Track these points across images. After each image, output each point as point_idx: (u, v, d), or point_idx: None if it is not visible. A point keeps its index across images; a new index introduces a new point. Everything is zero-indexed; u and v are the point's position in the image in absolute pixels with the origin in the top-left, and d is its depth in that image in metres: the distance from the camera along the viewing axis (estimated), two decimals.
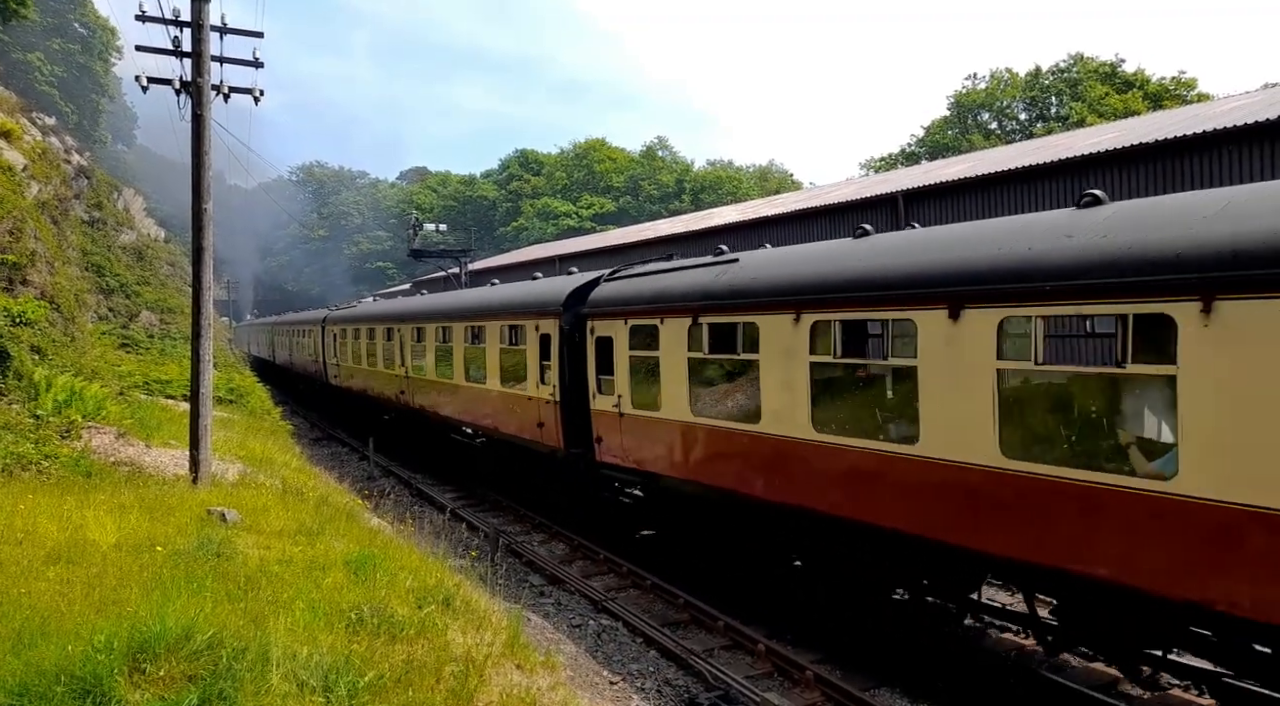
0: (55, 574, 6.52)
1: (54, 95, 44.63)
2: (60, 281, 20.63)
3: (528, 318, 14.96)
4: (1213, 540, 5.71)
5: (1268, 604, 5.46)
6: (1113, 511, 6.24)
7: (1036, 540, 6.77)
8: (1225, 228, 5.82)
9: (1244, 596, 5.58)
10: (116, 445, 13.11)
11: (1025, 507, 6.82)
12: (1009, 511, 6.96)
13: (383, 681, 5.43)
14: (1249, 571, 5.55)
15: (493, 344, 16.52)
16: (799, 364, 8.95)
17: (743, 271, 10.37)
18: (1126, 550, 6.18)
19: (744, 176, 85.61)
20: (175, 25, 11.99)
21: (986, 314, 7.07)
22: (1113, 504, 6.24)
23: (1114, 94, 55.30)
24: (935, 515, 7.54)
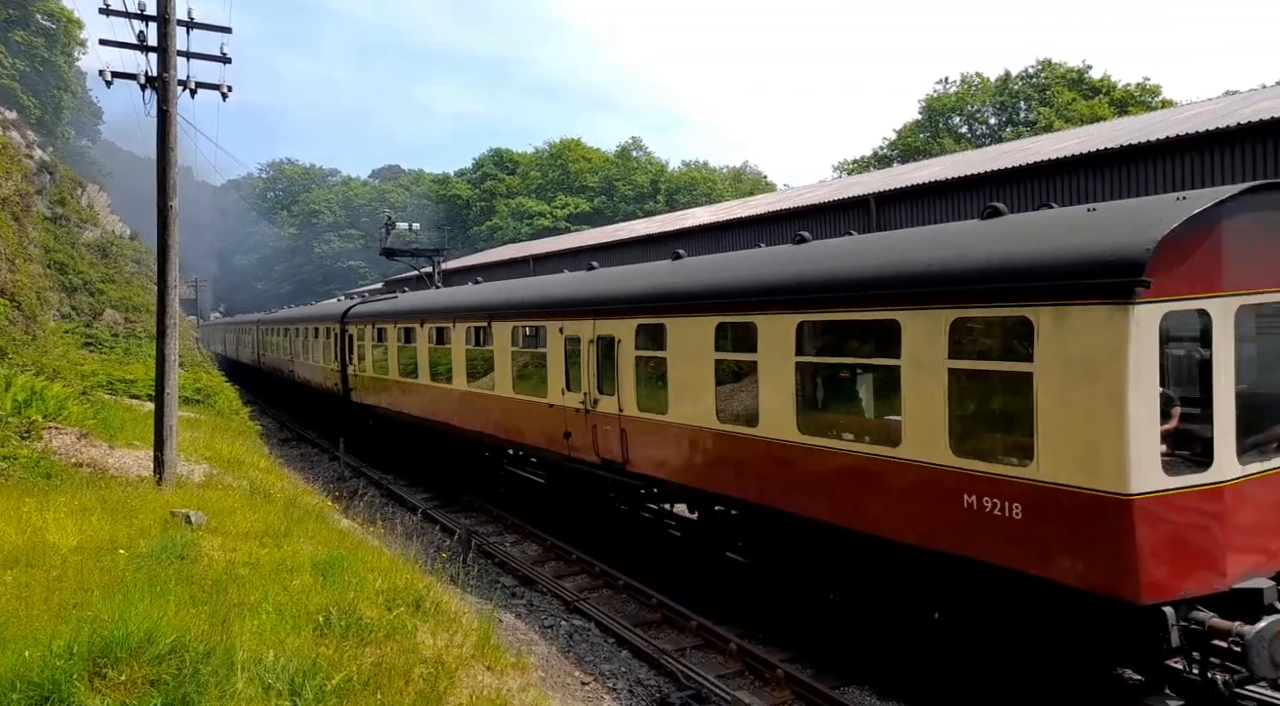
0: (13, 578, 6.38)
1: (15, 89, 43.67)
2: (21, 279, 20.19)
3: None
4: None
5: None
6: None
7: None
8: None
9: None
10: (78, 446, 12.85)
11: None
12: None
13: (351, 684, 5.38)
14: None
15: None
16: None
17: (402, 301, 19.37)
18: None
19: (718, 177, 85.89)
20: (141, 19, 11.79)
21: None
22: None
23: (1081, 99, 56.29)
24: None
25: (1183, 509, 6.12)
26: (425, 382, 18.43)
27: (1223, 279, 6.31)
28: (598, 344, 12.12)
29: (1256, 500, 6.47)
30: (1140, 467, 5.92)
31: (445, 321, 17.45)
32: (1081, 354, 6.17)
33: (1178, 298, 6.13)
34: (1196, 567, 6.16)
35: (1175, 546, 6.09)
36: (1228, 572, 6.21)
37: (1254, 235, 6.53)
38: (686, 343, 10.29)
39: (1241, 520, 6.33)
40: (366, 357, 22.54)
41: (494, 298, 16.26)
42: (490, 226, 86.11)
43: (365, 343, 22.57)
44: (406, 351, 19.61)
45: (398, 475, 21.00)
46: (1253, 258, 6.52)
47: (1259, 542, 6.48)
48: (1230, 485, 6.28)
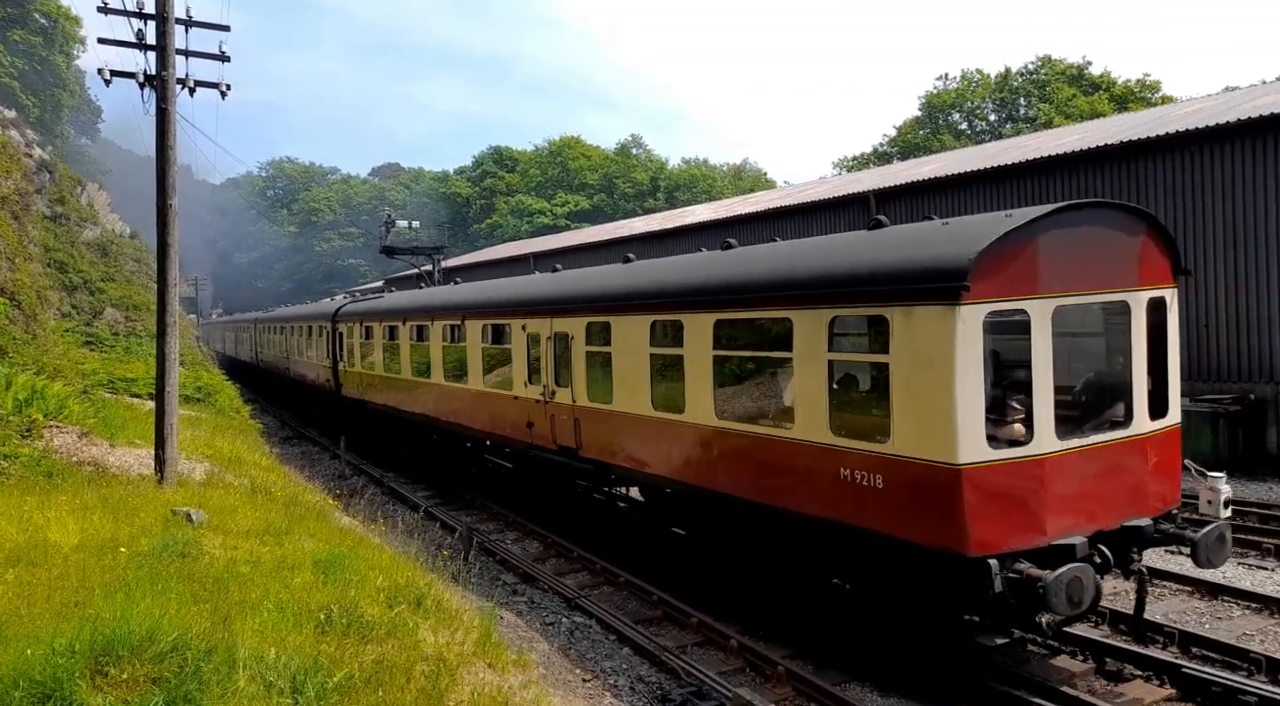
0: (14, 576, 6.38)
1: (14, 87, 43.65)
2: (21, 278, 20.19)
3: None
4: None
5: None
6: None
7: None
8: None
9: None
10: (79, 445, 12.85)
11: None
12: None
13: (352, 682, 5.38)
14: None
15: None
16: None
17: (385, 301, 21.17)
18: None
19: (718, 175, 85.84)
20: (139, 18, 11.77)
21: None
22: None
23: (1081, 96, 56.21)
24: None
25: (1006, 477, 7.19)
26: (408, 377, 19.36)
27: (1040, 284, 7.35)
28: (555, 340, 13.15)
29: (1074, 471, 7.48)
30: (967, 442, 6.98)
31: (425, 320, 18.41)
32: (923, 347, 7.25)
33: (999, 299, 7.20)
34: (1019, 527, 7.20)
35: (999, 509, 7.13)
36: (1047, 531, 7.27)
37: (1068, 247, 7.58)
38: (628, 339, 11.33)
39: (1059, 487, 7.37)
40: (355, 354, 23.53)
41: (467, 297, 17.41)
42: (490, 224, 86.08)
43: (354, 340, 23.58)
44: (391, 348, 20.54)
45: (398, 473, 21.02)
46: (1067, 266, 7.55)
47: (1076, 506, 7.48)
48: (1049, 457, 7.36)
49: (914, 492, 7.36)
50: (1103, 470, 7.72)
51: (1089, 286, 7.81)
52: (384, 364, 21.12)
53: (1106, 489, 7.75)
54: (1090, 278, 7.79)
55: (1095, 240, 7.85)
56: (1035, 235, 7.37)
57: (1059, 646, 8.72)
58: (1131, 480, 7.98)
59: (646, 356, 10.93)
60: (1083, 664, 8.42)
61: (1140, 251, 8.17)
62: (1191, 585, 10.54)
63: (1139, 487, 8.02)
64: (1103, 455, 7.74)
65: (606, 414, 11.89)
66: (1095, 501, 7.66)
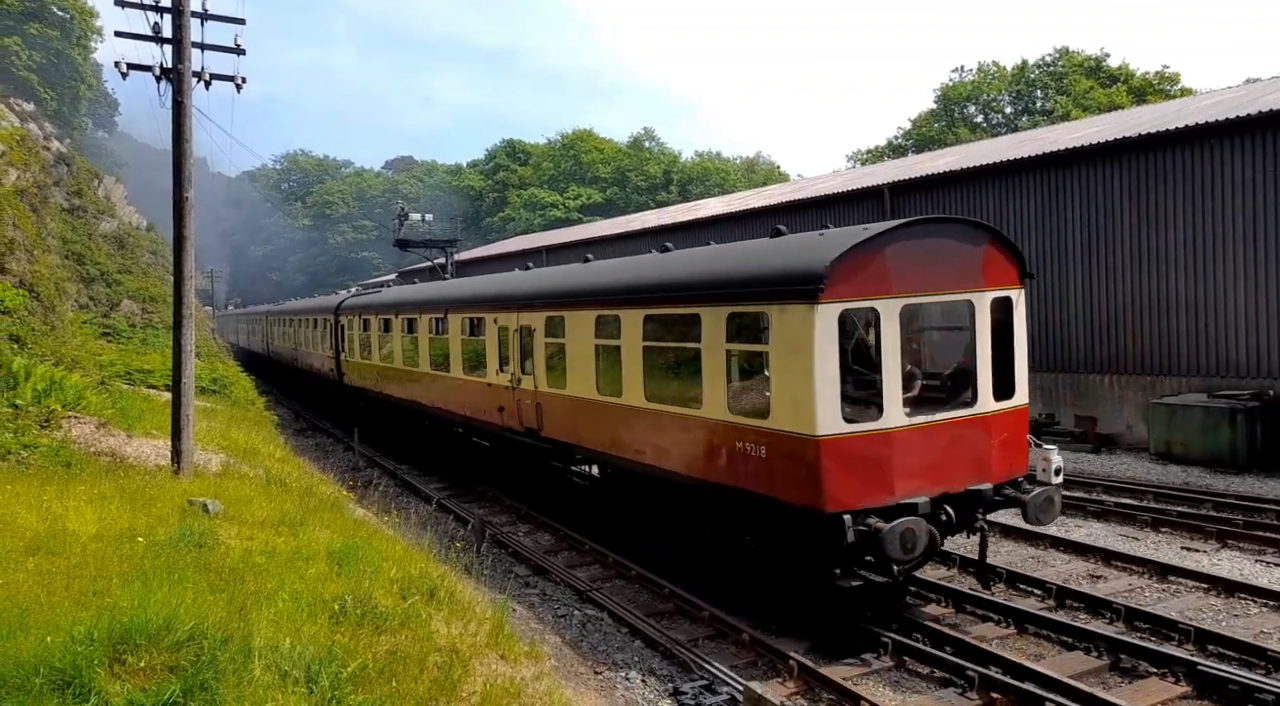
0: (34, 565, 6.46)
1: (32, 81, 43.96)
2: (40, 270, 20.38)
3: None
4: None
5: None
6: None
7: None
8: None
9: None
10: (97, 435, 12.99)
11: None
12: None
13: (366, 672, 5.43)
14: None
15: None
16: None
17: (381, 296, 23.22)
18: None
19: (731, 168, 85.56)
20: (155, 11, 11.83)
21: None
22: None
23: (1099, 88, 55.62)
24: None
25: (858, 447, 8.51)
26: (401, 367, 20.74)
27: (889, 286, 8.69)
28: (520, 332, 14.49)
29: (921, 442, 8.84)
30: (824, 417, 8.34)
31: (414, 313, 19.81)
32: (791, 338, 8.62)
33: (851, 299, 8.56)
34: (870, 488, 8.52)
35: (852, 473, 8.46)
36: (895, 492, 8.60)
37: (915, 255, 8.92)
38: (578, 331, 12.65)
39: (907, 456, 8.71)
40: (355, 345, 24.96)
41: (449, 293, 18.93)
42: (503, 217, 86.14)
43: (354, 332, 25.06)
44: (386, 340, 21.95)
45: (411, 465, 21.12)
46: (915, 271, 8.88)
47: (921, 472, 8.80)
48: (897, 431, 8.70)
49: (786, 460, 8.75)
50: (948, 442, 9.05)
51: (935, 288, 9.17)
52: (380, 354, 22.47)
53: (952, 458, 9.05)
54: (936, 281, 9.15)
55: (941, 249, 9.20)
56: (883, 246, 8.76)
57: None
58: (976, 451, 9.26)
59: (593, 347, 12.28)
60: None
61: (984, 258, 9.45)
62: (1208, 582, 10.46)
63: (983, 458, 9.30)
64: (948, 430, 9.09)
65: (562, 398, 13.24)
66: (941, 468, 8.96)
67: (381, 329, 22.34)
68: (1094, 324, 20.23)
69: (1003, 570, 10.92)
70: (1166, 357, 18.92)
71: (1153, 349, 19.17)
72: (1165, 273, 18.87)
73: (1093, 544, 12.08)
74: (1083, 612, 9.78)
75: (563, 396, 13.19)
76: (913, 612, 9.81)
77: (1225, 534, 12.36)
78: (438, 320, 18.41)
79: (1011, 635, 9.24)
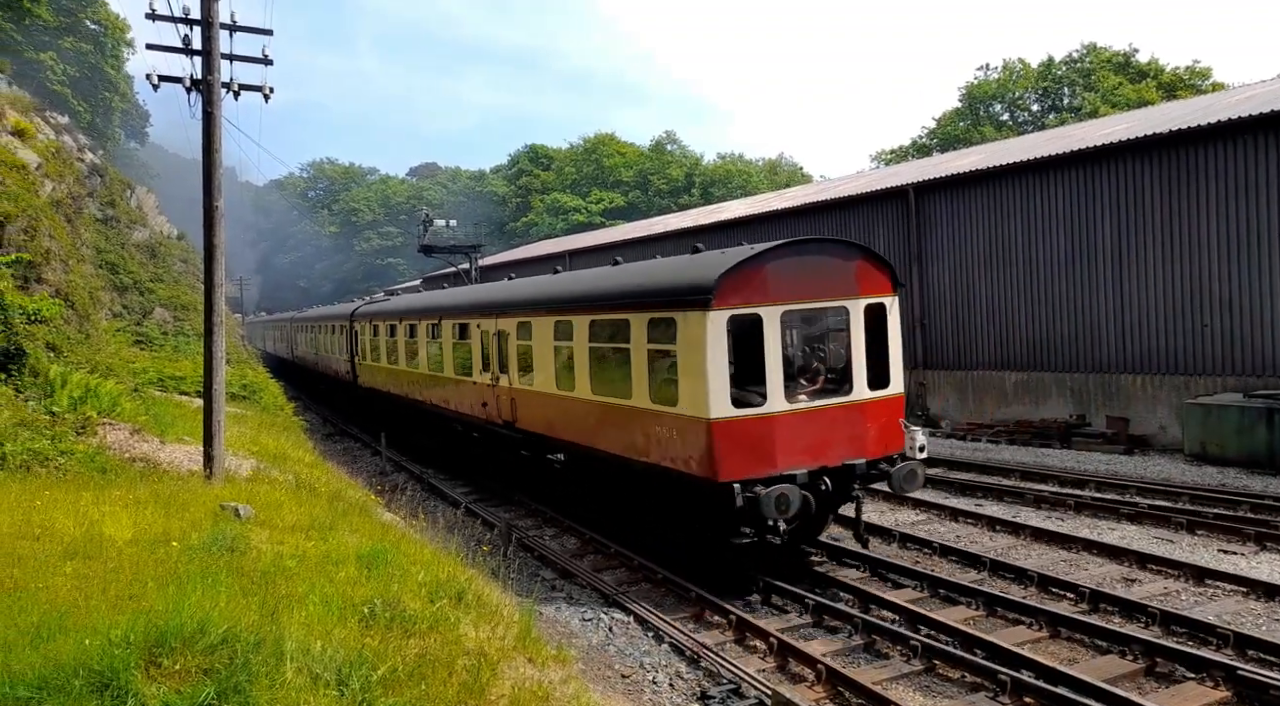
0: (72, 569, 6.57)
1: (67, 94, 44.88)
2: (75, 279, 20.78)
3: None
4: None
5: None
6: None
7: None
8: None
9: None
10: (131, 441, 13.20)
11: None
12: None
13: (396, 675, 5.46)
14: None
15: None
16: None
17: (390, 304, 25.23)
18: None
19: (754, 170, 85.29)
20: (185, 23, 12.02)
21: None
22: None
23: (1127, 84, 54.81)
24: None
25: (745, 428, 10.28)
26: (404, 369, 22.76)
27: (769, 296, 10.48)
28: (498, 336, 16.32)
29: (799, 425, 10.63)
30: (716, 404, 10.14)
31: (415, 319, 21.82)
32: (691, 339, 10.38)
33: (738, 307, 10.32)
34: (755, 462, 10.25)
35: (740, 450, 10.18)
36: (778, 465, 10.33)
37: (793, 269, 10.74)
38: (542, 334, 14.42)
39: (787, 435, 10.47)
40: (367, 349, 27.11)
41: (443, 301, 21.09)
42: (526, 222, 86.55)
43: (366, 337, 27.20)
44: (392, 344, 23.96)
45: (438, 470, 21.26)
46: (793, 283, 10.69)
47: (801, 449, 10.56)
48: (779, 415, 10.48)
49: (690, 440, 10.49)
50: (826, 424, 10.83)
51: (813, 297, 10.95)
52: (388, 357, 24.48)
53: (830, 438, 10.79)
54: (814, 291, 10.94)
55: (818, 265, 10.98)
56: (765, 263, 10.58)
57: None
58: (852, 432, 11.00)
59: (553, 348, 14.07)
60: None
61: (857, 272, 11.21)
62: (1247, 586, 10.25)
63: (859, 438, 11.04)
64: (826, 414, 10.90)
65: (531, 393, 15.04)
66: (819, 446, 10.69)
67: (389, 334, 24.30)
68: (1125, 323, 19.92)
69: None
70: (1200, 357, 18.58)
71: (1186, 348, 18.84)
72: (1199, 271, 18.54)
73: (1127, 547, 11.89)
74: (1117, 616, 9.62)
75: (531, 392, 15.01)
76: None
77: (1264, 536, 12.10)
78: (433, 326, 20.33)
79: (1044, 638, 9.12)
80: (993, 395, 22.96)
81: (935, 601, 10.42)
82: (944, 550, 12.20)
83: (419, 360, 21.40)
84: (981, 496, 15.77)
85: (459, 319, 18.65)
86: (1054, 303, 21.37)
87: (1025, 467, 17.46)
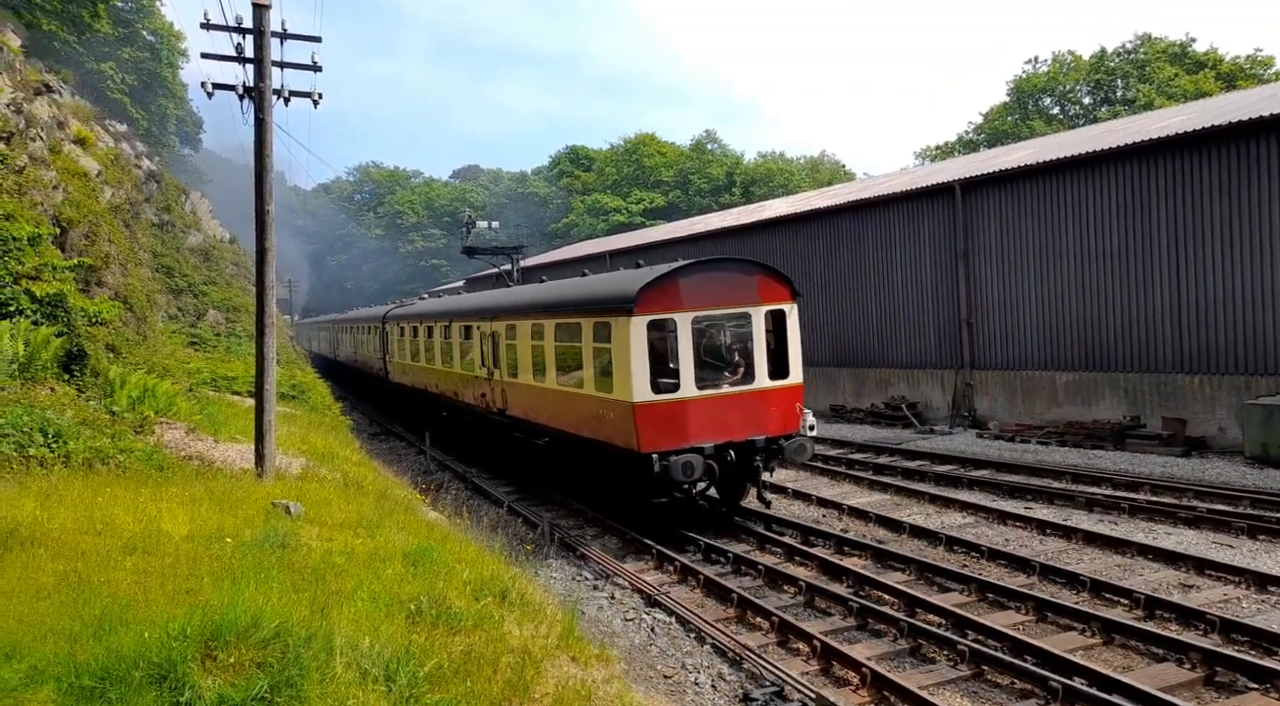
0: (132, 563, 6.78)
1: (125, 102, 46.29)
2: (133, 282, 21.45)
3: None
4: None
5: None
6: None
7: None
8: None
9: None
10: (186, 440, 13.58)
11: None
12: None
13: (442, 671, 5.54)
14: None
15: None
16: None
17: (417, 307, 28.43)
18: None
19: (795, 168, 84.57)
20: (238, 32, 12.33)
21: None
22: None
23: (1184, 75, 53.16)
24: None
25: (662, 409, 12.86)
26: (424, 365, 25.52)
27: (681, 304, 13.06)
28: (492, 336, 18.88)
29: (708, 407, 13.13)
30: (639, 390, 12.73)
31: (433, 321, 24.54)
32: (621, 338, 12.94)
33: (655, 313, 12.97)
34: (670, 436, 12.80)
35: (658, 427, 12.77)
36: (689, 439, 12.86)
37: (702, 282, 13.26)
38: (524, 335, 16.93)
39: (697, 416, 13.00)
40: (395, 348, 30.21)
41: (453, 306, 23.84)
42: (567, 223, 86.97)
43: (395, 337, 30.19)
44: (415, 344, 26.88)
45: (480, 469, 21.49)
46: (702, 293, 13.23)
47: (707, 427, 13.04)
48: (690, 399, 13.02)
49: (621, 419, 13.05)
50: (731, 407, 13.26)
51: (719, 305, 13.42)
52: (412, 356, 27.36)
53: (734, 419, 13.24)
54: (720, 299, 13.40)
55: (724, 278, 13.48)
56: (677, 278, 13.16)
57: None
58: (753, 414, 13.40)
59: (530, 346, 16.59)
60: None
61: (758, 284, 13.66)
62: None
63: (759, 419, 13.43)
64: (731, 399, 13.33)
65: (516, 384, 17.56)
66: (725, 425, 13.14)
67: (413, 335, 27.17)
68: (1182, 321, 19.32)
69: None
70: (1262, 356, 17.94)
71: (1246, 347, 18.20)
72: (1260, 266, 17.90)
73: (1184, 552, 11.53)
74: (1174, 623, 9.35)
75: (516, 383, 17.54)
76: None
77: None
78: (445, 328, 22.97)
79: (1097, 645, 8.90)
80: (1042, 395, 22.45)
81: (983, 605, 10.24)
82: (992, 553, 11.97)
83: (436, 358, 24.04)
84: (1031, 499, 15.44)
85: (464, 322, 21.18)
86: (1107, 301, 20.82)
87: (1076, 470, 17.04)
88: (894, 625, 9.54)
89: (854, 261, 28.34)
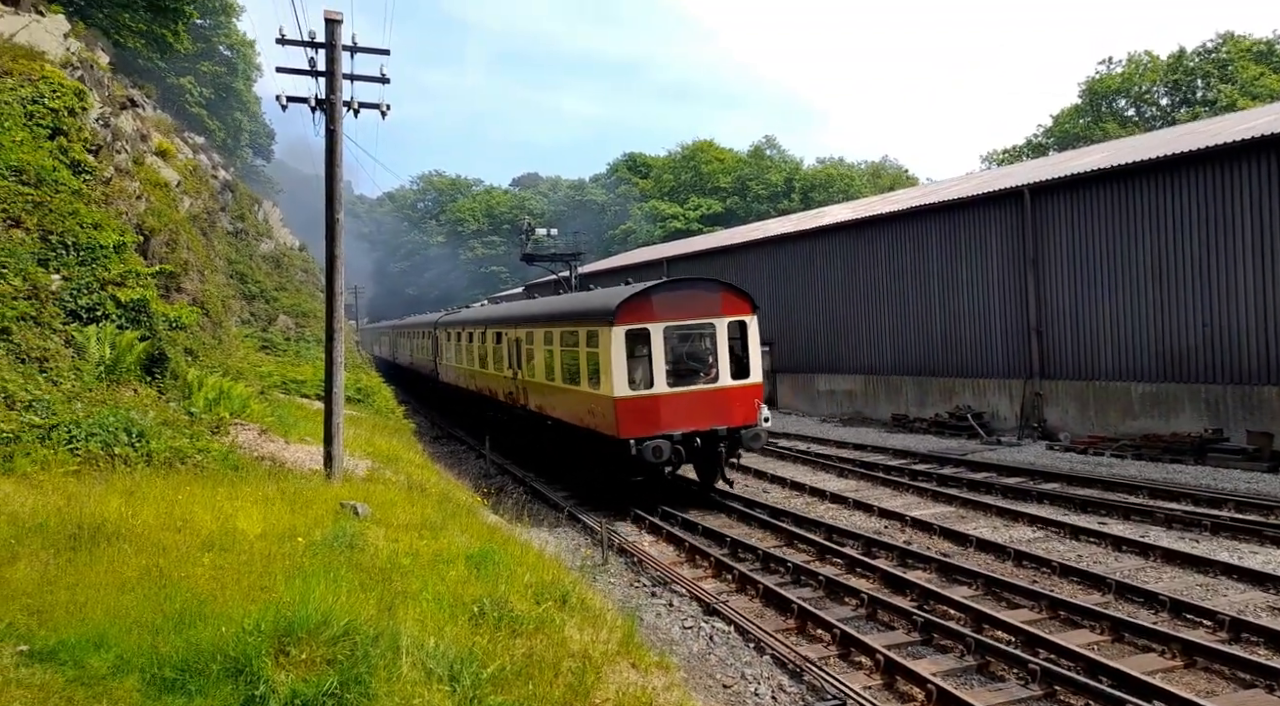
0: (210, 560, 7.02)
1: (203, 115, 48.24)
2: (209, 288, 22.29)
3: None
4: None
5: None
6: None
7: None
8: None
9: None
10: (259, 441, 14.03)
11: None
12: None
13: (504, 673, 5.59)
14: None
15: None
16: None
17: (468, 314, 33.08)
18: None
19: (855, 173, 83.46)
20: (310, 47, 12.73)
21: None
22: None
23: (1270, 74, 50.80)
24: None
25: (639, 403, 15.50)
26: (465, 366, 29.24)
27: (654, 316, 15.74)
28: (516, 342, 22.04)
29: (678, 402, 15.72)
30: (619, 387, 15.42)
31: (472, 328, 28.17)
32: (606, 344, 15.62)
33: (632, 324, 15.62)
34: (645, 425, 15.35)
35: (635, 417, 15.37)
36: (661, 427, 15.41)
37: (672, 297, 16.04)
38: (539, 340, 19.90)
39: (668, 409, 15.59)
40: (443, 351, 34.16)
41: (488, 315, 27.69)
42: (625, 230, 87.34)
43: (444, 341, 34.07)
44: (459, 347, 30.45)
45: (538, 473, 21.69)
46: (673, 307, 15.95)
47: (677, 418, 15.62)
48: (661, 395, 15.59)
49: (606, 411, 15.70)
50: (698, 402, 15.82)
51: (687, 317, 16.03)
52: (456, 358, 31.10)
53: (700, 412, 15.77)
54: (688, 312, 16.05)
55: (691, 295, 16.22)
56: (651, 294, 15.89)
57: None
58: (717, 408, 15.90)
59: (543, 349, 19.51)
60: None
61: (721, 300, 16.29)
62: None
63: (722, 412, 15.93)
64: (698, 395, 15.88)
65: (532, 383, 20.55)
66: (692, 417, 15.72)
67: (457, 340, 30.72)
68: (1269, 331, 18.42)
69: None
70: None
71: None
72: None
73: (1272, 572, 10.96)
74: (1262, 647, 8.89)
75: (533, 382, 20.51)
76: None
77: None
78: (483, 333, 26.20)
79: (1178, 667, 8.51)
80: (1117, 407, 21.64)
81: (1055, 623, 9.90)
82: (1064, 569, 11.56)
83: (475, 360, 27.36)
84: (1105, 514, 14.88)
85: (497, 328, 24.34)
86: (1186, 309, 19.98)
87: (1154, 485, 16.36)
88: (960, 641, 9.28)
89: (918, 267, 27.79)
